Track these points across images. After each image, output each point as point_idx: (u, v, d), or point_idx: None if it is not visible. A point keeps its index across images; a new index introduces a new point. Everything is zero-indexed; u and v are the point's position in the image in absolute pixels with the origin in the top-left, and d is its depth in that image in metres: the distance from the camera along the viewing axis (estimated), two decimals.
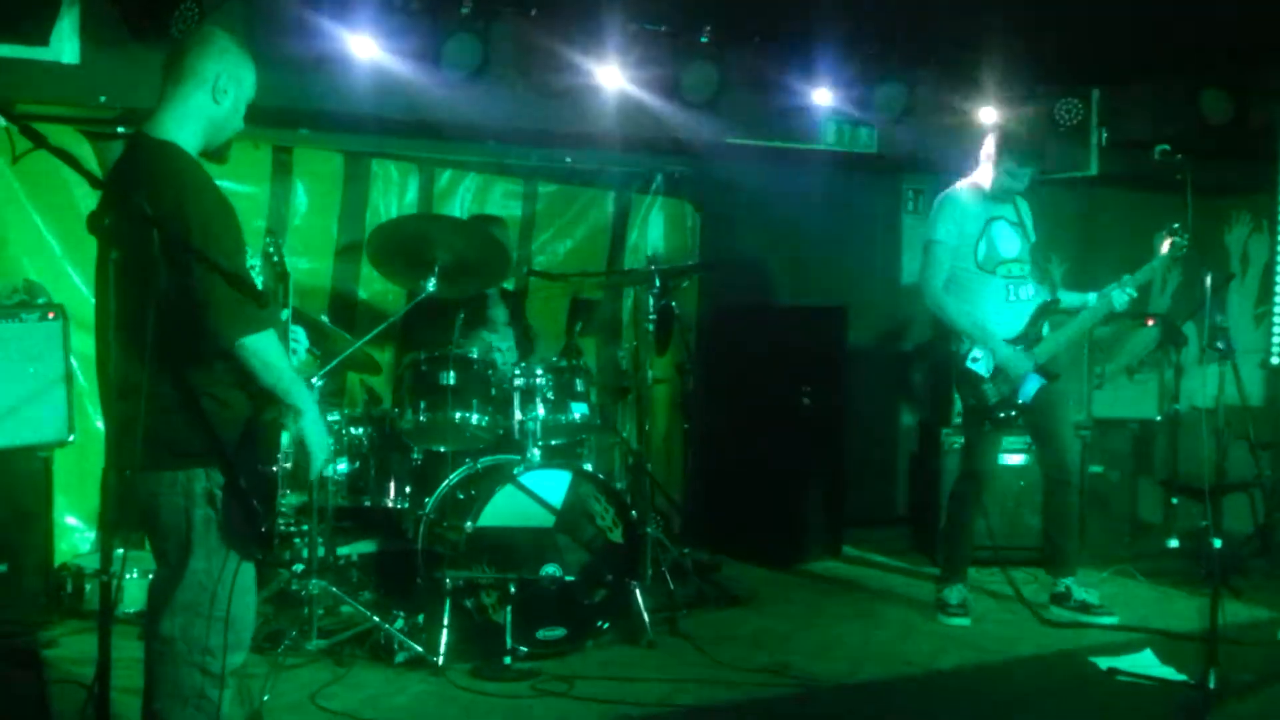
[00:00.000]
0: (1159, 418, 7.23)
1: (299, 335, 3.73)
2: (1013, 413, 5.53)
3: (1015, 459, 6.58)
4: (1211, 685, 4.41)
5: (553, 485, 5.02)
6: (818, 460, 6.89)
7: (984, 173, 5.67)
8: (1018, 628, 5.55)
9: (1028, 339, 5.57)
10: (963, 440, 5.89)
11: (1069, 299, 5.74)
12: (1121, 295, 5.59)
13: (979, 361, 5.54)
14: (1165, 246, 5.56)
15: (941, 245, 5.60)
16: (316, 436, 3.23)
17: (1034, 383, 5.53)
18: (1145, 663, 4.94)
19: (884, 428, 7.88)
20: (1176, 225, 5.57)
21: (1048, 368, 5.58)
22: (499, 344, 5.86)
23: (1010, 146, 5.60)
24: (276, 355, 3.11)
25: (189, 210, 2.98)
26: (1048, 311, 5.63)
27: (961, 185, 5.71)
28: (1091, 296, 5.67)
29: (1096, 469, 6.93)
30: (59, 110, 5.41)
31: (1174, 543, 6.91)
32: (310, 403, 3.21)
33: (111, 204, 2.84)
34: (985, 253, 5.60)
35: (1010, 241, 5.66)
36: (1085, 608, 5.67)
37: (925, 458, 7.24)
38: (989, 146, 5.66)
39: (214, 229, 3.02)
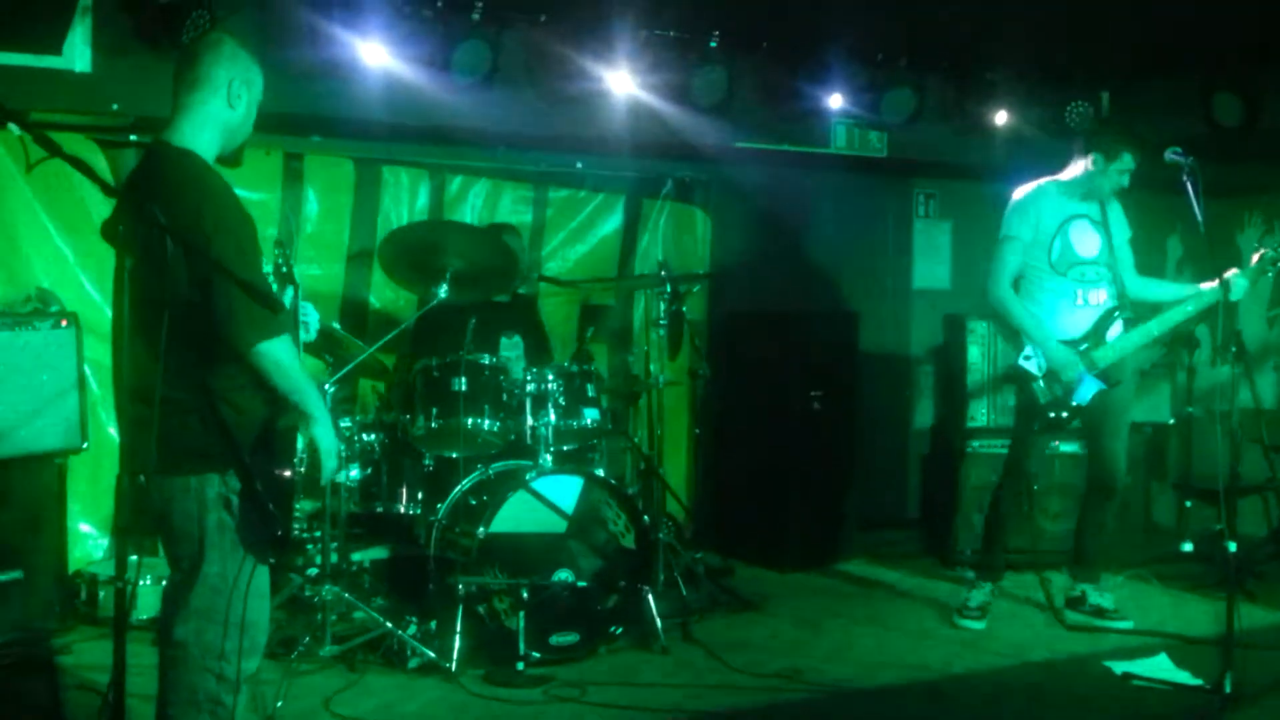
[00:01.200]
0: (1172, 421, 7.21)
1: (309, 311, 3.72)
2: (1064, 414, 5.41)
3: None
4: (1227, 690, 4.39)
5: (565, 491, 5.02)
6: (829, 465, 6.87)
7: (1075, 170, 5.52)
8: (1032, 632, 5.54)
9: (1090, 342, 5.44)
10: (1012, 440, 5.76)
11: (1166, 291, 5.64)
12: (1241, 283, 5.35)
13: (1030, 360, 5.42)
14: (1256, 258, 5.43)
15: (1013, 242, 5.47)
16: (328, 442, 3.24)
17: (1091, 387, 5.39)
18: (1160, 667, 4.92)
19: (895, 432, 7.87)
20: (1276, 247, 5.48)
21: (1108, 373, 5.42)
22: (508, 350, 5.86)
23: (1130, 146, 5.41)
24: (291, 361, 3.13)
25: (208, 217, 3.00)
26: (1113, 317, 5.48)
27: (1045, 181, 5.56)
28: (1200, 286, 5.49)
29: None
30: (72, 119, 5.44)
31: (1188, 546, 6.89)
32: (323, 409, 3.22)
33: (126, 211, 2.86)
34: (1060, 252, 5.47)
35: (1089, 242, 5.51)
36: (1100, 612, 5.65)
37: (937, 461, 7.22)
38: (1096, 149, 5.44)
39: (232, 236, 3.05)
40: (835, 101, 6.55)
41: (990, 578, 5.69)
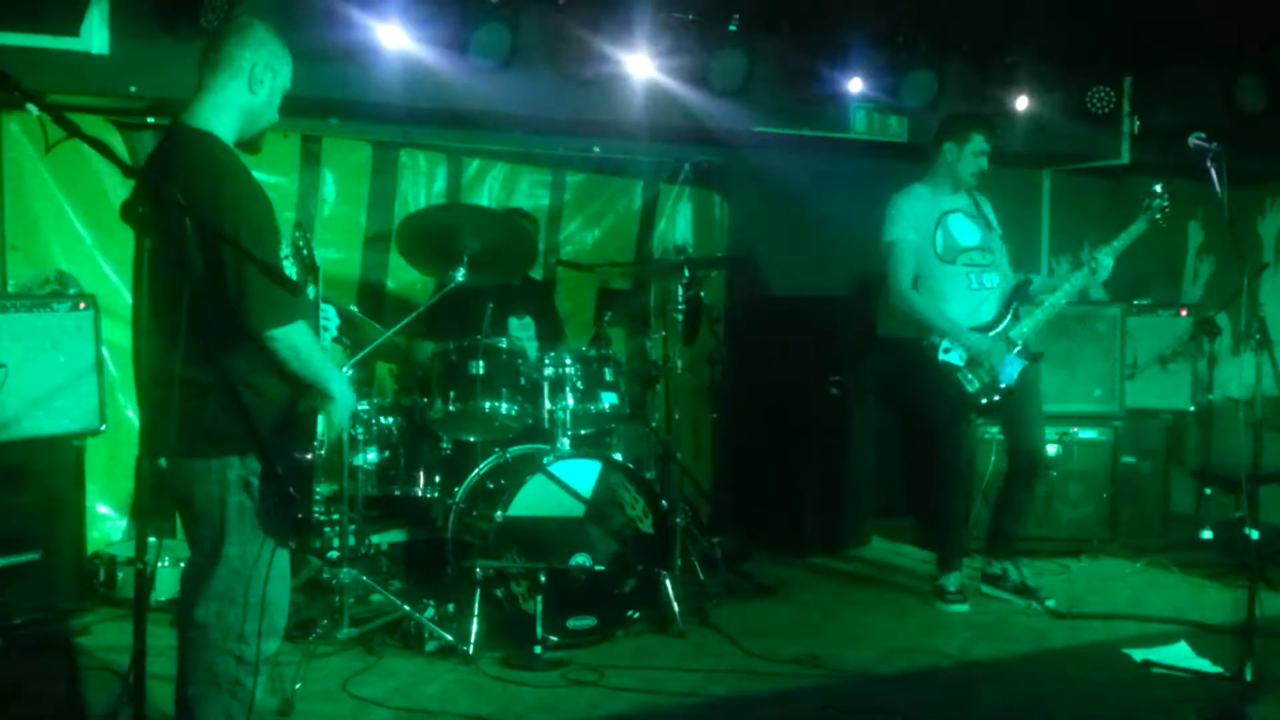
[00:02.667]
0: (1192, 408, 7.16)
1: (329, 314, 3.73)
2: (996, 398, 5.54)
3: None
4: (1248, 678, 4.36)
5: (582, 475, 5.02)
6: (846, 450, 6.86)
7: (936, 170, 5.73)
8: (1047, 620, 5.51)
9: (1000, 323, 5.58)
10: (937, 434, 5.72)
11: (1041, 281, 5.82)
12: (1107, 260, 5.58)
13: (950, 352, 5.54)
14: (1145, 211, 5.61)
15: (901, 243, 5.62)
16: (343, 410, 3.24)
17: (1015, 365, 5.54)
18: (1180, 655, 4.90)
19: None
20: (1158, 187, 5.61)
21: (1028, 348, 5.62)
22: (518, 331, 5.85)
23: (976, 127, 5.64)
24: (308, 343, 3.12)
25: (224, 199, 2.99)
26: (1020, 294, 5.65)
27: (913, 185, 5.75)
28: (1065, 271, 5.70)
29: (1128, 459, 6.87)
30: (89, 100, 5.44)
31: (1207, 534, 6.86)
32: (342, 383, 3.23)
33: (145, 193, 2.85)
34: (944, 244, 5.63)
35: (969, 231, 5.70)
36: (1024, 590, 5.69)
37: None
38: (946, 139, 5.68)
39: (249, 218, 3.04)
40: (855, 85, 6.52)
41: (956, 566, 5.73)
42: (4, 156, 5.55)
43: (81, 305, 5.20)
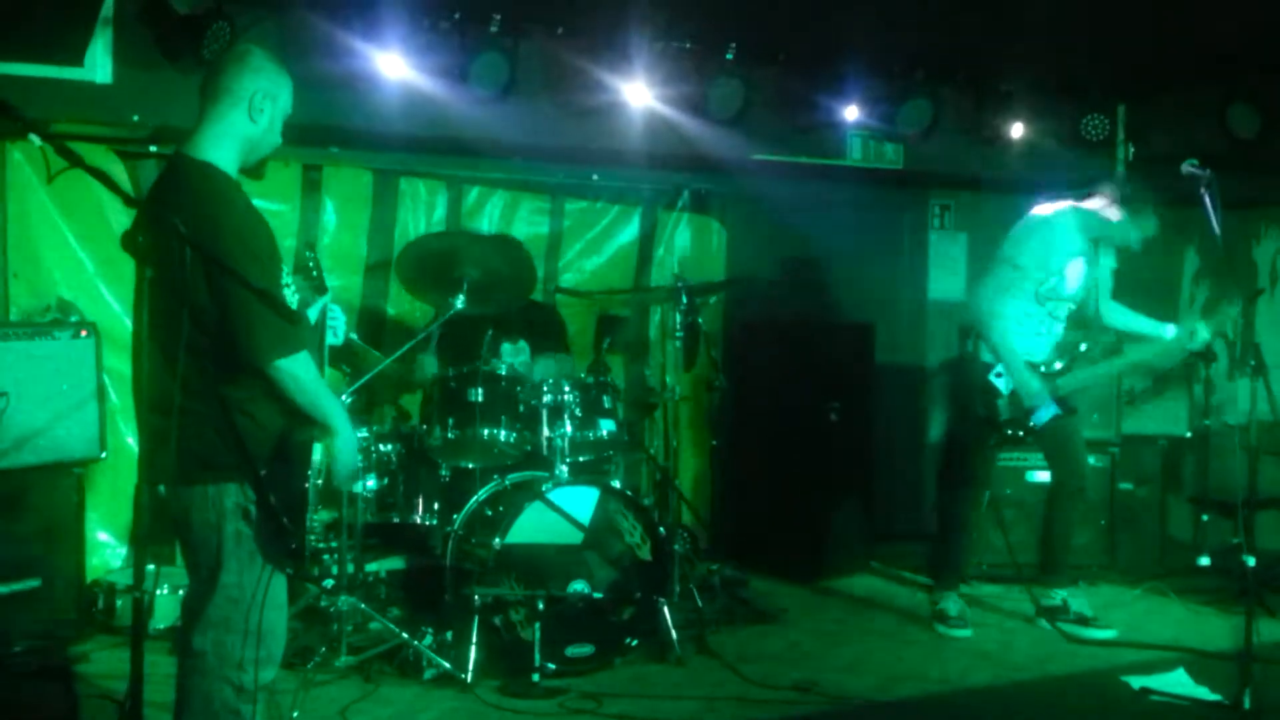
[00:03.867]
0: (1188, 434, 7.17)
1: (336, 314, 3.71)
2: (1020, 433, 5.52)
3: (1043, 475, 6.56)
4: (1246, 705, 4.36)
5: (581, 502, 5.03)
6: (845, 476, 6.87)
7: (1098, 207, 5.54)
8: (1048, 646, 5.51)
9: (1048, 367, 5.55)
10: (959, 446, 5.80)
11: (1133, 322, 5.74)
12: (1202, 335, 5.53)
13: (1001, 378, 5.51)
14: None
15: (1015, 270, 5.47)
16: (347, 454, 3.25)
17: (1049, 411, 5.45)
18: (1179, 682, 4.89)
19: (911, 443, 7.85)
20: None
21: (1067, 400, 5.53)
22: (510, 356, 5.85)
23: (1155, 210, 5.52)
24: (310, 377, 3.13)
25: (225, 230, 3.01)
26: (1068, 350, 5.60)
27: (1067, 207, 5.54)
28: (1169, 328, 5.63)
29: (1125, 486, 6.87)
30: (92, 130, 5.47)
31: (1205, 560, 6.84)
32: (344, 421, 3.23)
33: (147, 222, 2.87)
34: (1050, 288, 5.51)
35: (1077, 278, 5.56)
36: (1084, 620, 5.66)
37: None
38: (1129, 204, 5.50)
39: (250, 249, 3.05)
40: (851, 113, 6.56)
41: (953, 588, 5.75)
42: (7, 185, 5.58)
43: (83, 333, 5.23)
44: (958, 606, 5.69)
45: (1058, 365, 5.55)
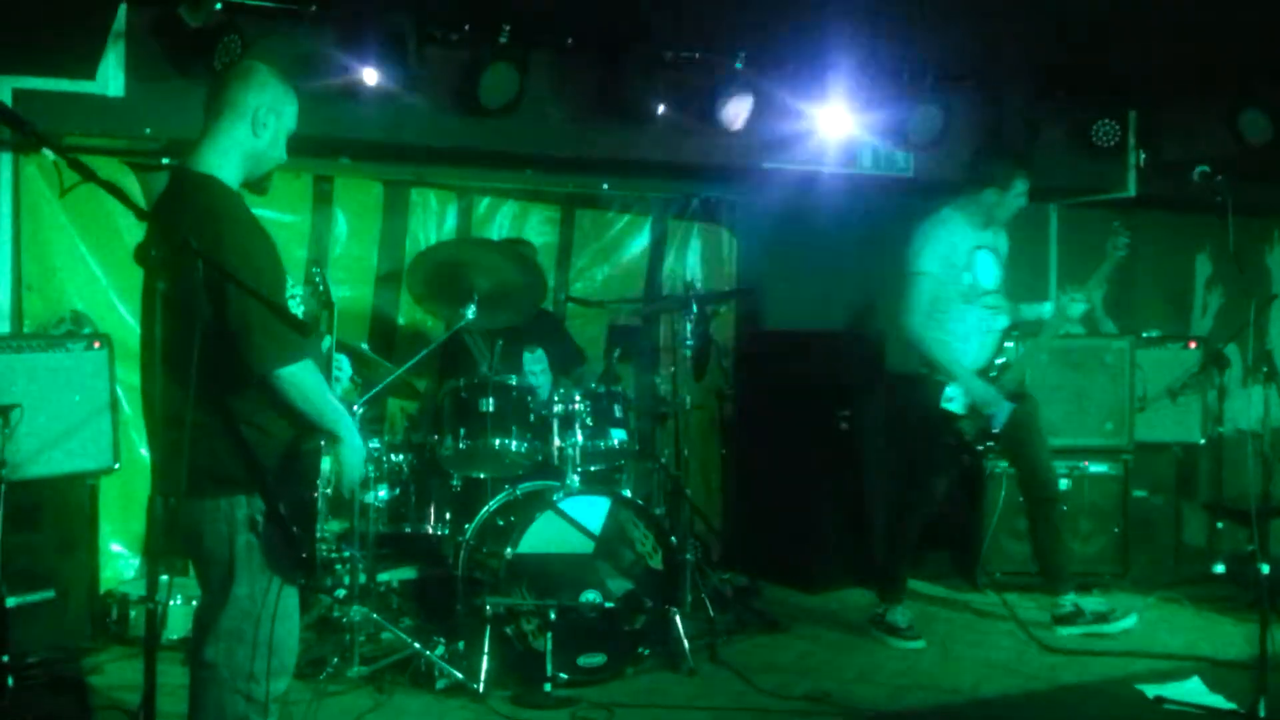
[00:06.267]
0: (1202, 441, 7.15)
1: (342, 364, 3.74)
2: (990, 443, 5.60)
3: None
4: (1262, 714, 4.34)
5: (592, 511, 5.03)
6: (857, 485, 6.85)
7: (969, 204, 5.69)
8: (1061, 655, 5.48)
9: (993, 368, 5.61)
10: (922, 468, 5.79)
11: (1025, 311, 5.82)
12: (1077, 306, 5.65)
13: (954, 401, 5.54)
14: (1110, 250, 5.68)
15: (926, 277, 5.56)
16: (354, 462, 3.26)
17: (1005, 409, 5.54)
18: (1193, 691, 4.87)
19: None
20: (1117, 224, 5.68)
21: (1015, 391, 5.66)
22: (531, 365, 5.87)
23: (1019, 171, 5.62)
24: (314, 385, 3.13)
25: (228, 243, 3.02)
26: (1007, 336, 5.67)
27: (947, 210, 5.71)
28: (1047, 307, 5.78)
29: (1140, 493, 6.85)
30: (104, 143, 5.50)
31: (1220, 568, 6.82)
32: (350, 429, 3.24)
33: (158, 236, 2.89)
34: (969, 283, 5.60)
35: (992, 272, 5.69)
36: (1101, 617, 5.67)
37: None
38: (989, 184, 5.64)
39: (254, 261, 3.06)
40: (861, 122, 6.55)
41: (901, 598, 5.75)
42: (21, 198, 5.61)
43: (96, 345, 5.26)
44: (907, 618, 5.69)
45: (998, 362, 5.63)
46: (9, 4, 4.20)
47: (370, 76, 5.29)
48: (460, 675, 4.77)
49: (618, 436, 5.36)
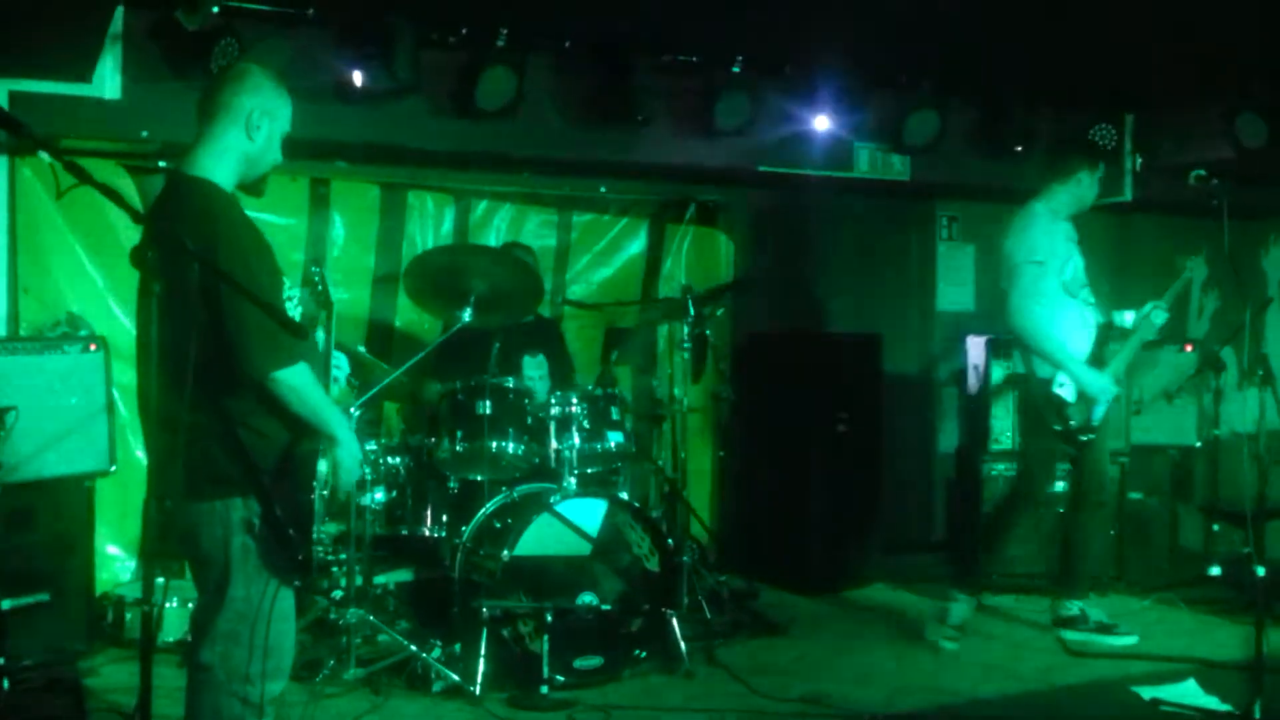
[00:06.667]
0: (1198, 443, 7.16)
1: (341, 363, 3.73)
2: (1090, 436, 5.51)
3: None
4: (1257, 716, 4.35)
5: (589, 514, 5.03)
6: (853, 487, 6.86)
7: (1057, 196, 5.58)
8: (1059, 657, 5.50)
9: (1097, 362, 5.53)
10: (1027, 463, 5.79)
11: (1116, 317, 5.76)
12: (1160, 315, 5.55)
13: (1064, 387, 5.43)
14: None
15: (1037, 266, 5.42)
16: (350, 463, 3.26)
17: (1104, 405, 5.50)
18: (1189, 693, 4.87)
19: (919, 454, 7.84)
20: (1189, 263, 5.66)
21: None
22: (531, 370, 5.87)
23: (1099, 155, 5.57)
24: (309, 386, 3.13)
25: (224, 246, 3.01)
26: (1107, 334, 5.60)
27: (1039, 205, 5.59)
28: (1130, 316, 5.67)
29: (1135, 495, 6.86)
30: (101, 145, 5.51)
31: (1216, 570, 6.82)
32: (345, 429, 3.24)
33: (154, 238, 2.88)
34: (1071, 275, 5.51)
35: (1080, 266, 5.59)
36: (1104, 627, 5.65)
37: (962, 484, 7.19)
38: (1081, 167, 5.56)
39: (249, 264, 3.06)
40: (857, 125, 6.56)
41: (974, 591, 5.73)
42: (17, 200, 5.62)
43: (92, 347, 5.25)
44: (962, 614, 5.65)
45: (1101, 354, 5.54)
46: (6, 6, 4.20)
47: (367, 79, 5.31)
48: (457, 677, 4.77)
49: (614, 439, 5.36)
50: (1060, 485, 6.47)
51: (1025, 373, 5.60)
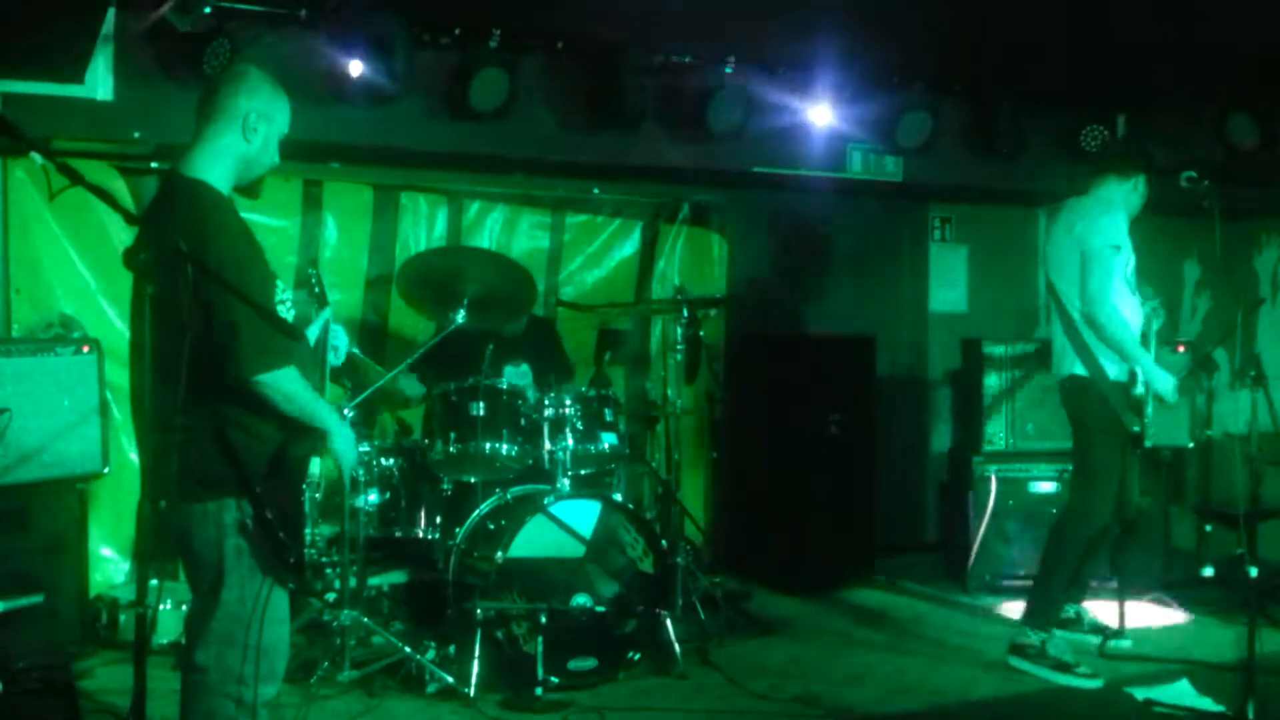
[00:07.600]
0: (1191, 444, 7.18)
1: (339, 334, 3.70)
2: (1151, 442, 5.29)
3: (1046, 486, 6.59)
4: (1250, 716, 4.36)
5: (582, 515, 5.03)
6: (847, 488, 6.86)
7: (1112, 201, 5.30)
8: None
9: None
10: (1101, 472, 5.30)
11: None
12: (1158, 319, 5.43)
13: (1138, 386, 5.17)
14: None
15: (1115, 251, 5.10)
16: (344, 444, 3.28)
17: (1172, 400, 5.31)
18: (1182, 694, 4.89)
19: (913, 455, 7.86)
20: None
21: None
22: (514, 379, 5.84)
23: (1151, 165, 5.33)
24: (297, 387, 3.13)
25: (215, 248, 3.00)
26: (1150, 332, 5.38)
27: (1102, 190, 5.35)
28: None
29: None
30: (93, 146, 5.50)
31: (1209, 571, 6.83)
32: (335, 419, 3.24)
33: (147, 240, 2.88)
34: (1133, 269, 5.30)
35: (1135, 264, 5.36)
36: (1099, 630, 5.67)
37: (955, 485, 7.21)
38: (1139, 172, 5.33)
39: (241, 267, 3.05)
40: (851, 127, 6.57)
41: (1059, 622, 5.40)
42: (9, 201, 5.61)
43: (85, 349, 5.24)
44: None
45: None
46: None
47: (360, 80, 5.30)
48: (451, 679, 4.77)
49: (608, 440, 5.36)
50: (1056, 487, 6.52)
51: (1086, 375, 5.23)
